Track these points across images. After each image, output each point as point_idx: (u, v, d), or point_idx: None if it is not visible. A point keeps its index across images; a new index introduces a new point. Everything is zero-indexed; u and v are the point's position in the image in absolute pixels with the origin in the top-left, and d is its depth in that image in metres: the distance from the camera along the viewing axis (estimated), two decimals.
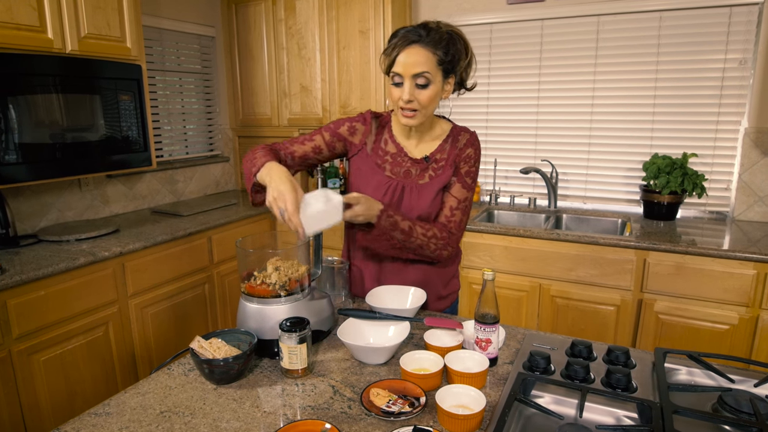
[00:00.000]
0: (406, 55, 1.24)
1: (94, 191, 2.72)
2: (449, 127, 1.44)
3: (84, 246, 2.19)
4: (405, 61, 1.24)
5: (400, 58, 1.25)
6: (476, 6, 2.98)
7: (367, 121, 1.43)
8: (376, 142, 1.43)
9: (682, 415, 0.90)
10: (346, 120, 1.44)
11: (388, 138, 1.43)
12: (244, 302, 1.20)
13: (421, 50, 1.24)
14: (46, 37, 2.08)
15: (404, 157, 1.41)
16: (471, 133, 1.43)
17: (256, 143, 3.61)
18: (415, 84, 1.26)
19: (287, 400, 1.02)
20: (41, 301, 1.91)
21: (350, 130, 1.43)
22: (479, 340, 1.11)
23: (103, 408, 0.99)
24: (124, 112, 2.43)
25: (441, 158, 1.41)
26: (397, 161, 1.41)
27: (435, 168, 1.40)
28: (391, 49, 1.27)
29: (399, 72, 1.26)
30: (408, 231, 1.32)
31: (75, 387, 2.06)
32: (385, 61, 1.30)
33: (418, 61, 1.23)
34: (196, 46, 3.37)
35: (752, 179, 2.55)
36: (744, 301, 2.10)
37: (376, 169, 1.41)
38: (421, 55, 1.24)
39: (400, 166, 1.41)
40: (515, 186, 3.14)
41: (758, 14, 2.43)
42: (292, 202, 1.11)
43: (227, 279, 2.82)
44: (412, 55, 1.24)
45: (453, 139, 1.42)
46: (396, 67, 1.26)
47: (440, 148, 1.41)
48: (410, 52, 1.24)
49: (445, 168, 1.40)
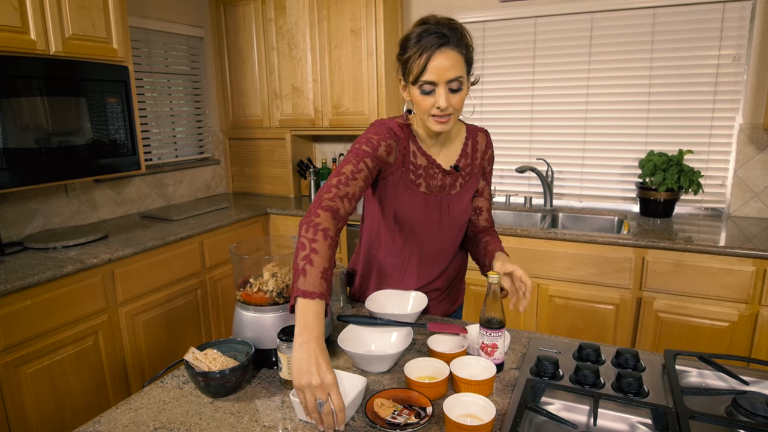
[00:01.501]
0: (438, 60, 1.12)
1: (81, 196, 2.65)
2: (464, 128, 1.38)
3: (71, 253, 2.12)
4: (439, 67, 1.12)
5: (432, 64, 1.12)
6: (469, 4, 2.96)
7: (400, 137, 1.27)
8: (405, 156, 1.29)
9: (698, 421, 0.87)
10: (378, 138, 1.24)
11: (416, 150, 1.30)
12: (240, 310, 1.16)
13: (452, 53, 1.13)
14: (29, 38, 2.02)
15: (435, 168, 1.31)
16: (486, 133, 1.42)
17: (248, 145, 3.55)
18: (449, 89, 1.15)
19: (287, 413, 0.97)
20: (27, 311, 1.84)
21: (387, 150, 1.25)
22: (485, 345, 1.07)
23: (93, 425, 0.94)
24: (111, 114, 2.37)
25: (466, 164, 1.36)
26: (429, 174, 1.31)
27: (463, 175, 1.36)
28: (417, 55, 1.13)
29: (433, 80, 1.13)
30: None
31: (64, 399, 2.00)
32: (411, 68, 1.15)
33: (453, 65, 1.13)
34: (185, 47, 3.31)
35: (747, 175, 2.54)
36: (743, 298, 2.09)
37: (411, 186, 1.30)
38: (452, 58, 1.13)
39: (433, 179, 1.32)
40: (511, 185, 3.12)
41: (751, 10, 2.42)
42: (338, 395, 0.87)
43: (220, 284, 2.76)
44: (445, 60, 1.12)
45: (473, 141, 1.38)
46: (428, 74, 1.13)
47: (464, 153, 1.36)
48: (441, 57, 1.12)
49: (473, 174, 1.38)
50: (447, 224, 1.36)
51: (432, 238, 1.36)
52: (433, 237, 1.36)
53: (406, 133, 1.29)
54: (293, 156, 3.42)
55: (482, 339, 1.08)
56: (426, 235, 1.35)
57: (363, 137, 1.25)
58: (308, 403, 0.87)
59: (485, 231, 1.42)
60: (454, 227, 1.37)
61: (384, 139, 1.25)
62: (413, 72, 1.15)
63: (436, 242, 1.37)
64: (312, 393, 0.86)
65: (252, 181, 3.63)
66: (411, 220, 1.33)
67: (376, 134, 1.25)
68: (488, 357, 1.07)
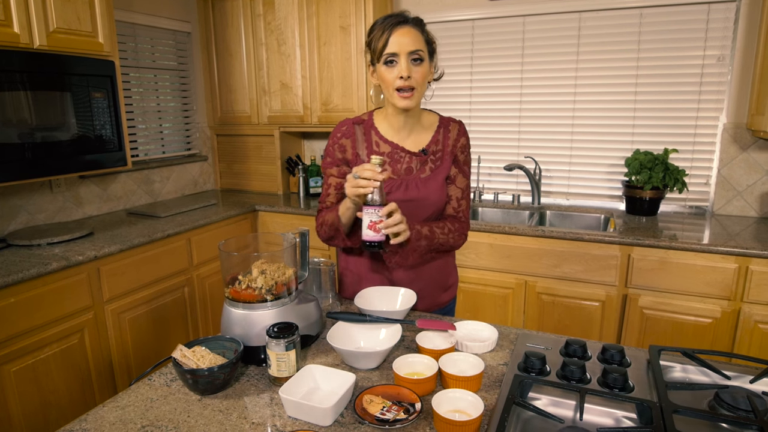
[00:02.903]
0: (399, 34, 1.26)
1: (66, 193, 2.62)
2: (437, 118, 1.45)
3: (56, 250, 2.09)
4: (400, 40, 1.26)
5: (393, 39, 1.26)
6: (459, 2, 2.96)
7: (349, 131, 1.41)
8: (368, 148, 1.40)
9: (682, 415, 0.89)
10: (332, 143, 1.42)
11: (379, 139, 1.41)
12: (228, 308, 1.15)
13: (411, 29, 1.27)
14: (12, 31, 1.98)
15: (401, 152, 1.40)
16: (459, 123, 1.46)
17: (236, 141, 3.53)
18: (411, 60, 1.27)
19: (276, 410, 0.97)
20: (11, 309, 1.81)
21: (341, 149, 1.42)
22: (373, 223, 1.19)
23: (80, 424, 0.94)
24: (96, 110, 2.34)
25: (437, 150, 1.42)
26: (394, 158, 1.40)
27: (433, 160, 1.41)
28: (380, 34, 1.27)
29: (395, 51, 1.26)
30: (430, 235, 1.35)
31: (49, 398, 1.97)
32: (376, 46, 1.29)
33: (412, 39, 1.26)
34: (172, 42, 3.27)
35: (731, 174, 2.58)
36: (726, 295, 2.12)
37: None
38: (412, 33, 1.27)
39: (399, 163, 1.40)
40: (499, 183, 3.14)
41: (735, 11, 2.46)
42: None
43: (208, 281, 2.74)
44: (405, 35, 1.26)
45: (444, 130, 1.43)
46: (390, 47, 1.26)
47: (434, 140, 1.42)
48: (402, 31, 1.26)
49: (443, 159, 1.42)
50: (416, 205, 1.38)
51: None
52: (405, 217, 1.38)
53: (365, 126, 1.42)
54: (282, 153, 3.40)
55: (370, 218, 1.19)
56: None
57: (325, 148, 1.46)
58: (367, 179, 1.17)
59: (448, 219, 1.44)
60: (425, 208, 1.40)
61: (336, 141, 1.42)
62: (378, 49, 1.28)
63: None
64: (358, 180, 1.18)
65: (240, 178, 3.60)
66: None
67: (330, 141, 1.43)
68: (377, 233, 1.19)
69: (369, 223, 1.20)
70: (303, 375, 1.02)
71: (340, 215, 1.32)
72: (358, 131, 1.41)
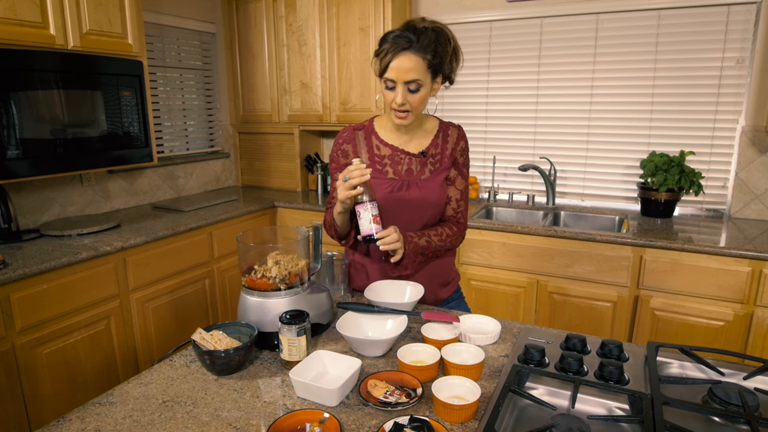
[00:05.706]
0: (398, 62, 1.28)
1: (95, 186, 2.74)
2: (437, 123, 1.51)
3: (86, 241, 2.21)
4: (398, 68, 1.28)
5: (392, 65, 1.29)
6: (476, 3, 3.00)
7: (350, 137, 1.49)
8: (369, 151, 1.48)
9: (671, 406, 0.92)
10: (335, 149, 1.52)
11: (379, 143, 1.48)
12: (244, 295, 1.23)
13: (412, 56, 1.28)
14: (48, 33, 2.10)
15: (401, 153, 1.47)
16: (459, 127, 1.52)
17: (257, 139, 3.63)
18: (407, 89, 1.31)
19: (287, 391, 1.04)
20: (44, 295, 1.93)
21: (344, 154, 1.50)
22: (374, 216, 1.27)
23: (107, 398, 1.02)
24: (125, 107, 2.45)
25: (436, 152, 1.48)
26: (395, 160, 1.46)
27: (433, 162, 1.47)
28: (383, 54, 1.30)
29: (392, 78, 1.30)
30: (427, 246, 1.42)
31: (77, 379, 2.08)
32: (376, 65, 1.34)
33: (410, 68, 1.28)
34: (197, 43, 3.38)
35: (749, 177, 2.56)
36: (739, 298, 2.12)
37: (378, 175, 1.46)
38: (412, 61, 1.28)
39: (400, 164, 1.46)
40: (514, 183, 3.16)
41: (756, 13, 2.44)
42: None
43: (227, 274, 2.84)
44: (404, 62, 1.28)
45: (443, 134, 1.49)
46: (389, 73, 1.30)
47: (434, 143, 1.48)
48: (402, 59, 1.28)
49: (443, 161, 1.48)
50: (417, 205, 1.45)
51: (404, 217, 1.45)
52: (406, 216, 1.45)
53: (366, 132, 1.49)
54: (301, 151, 3.48)
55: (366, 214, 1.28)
56: (397, 215, 1.44)
57: (330, 154, 1.54)
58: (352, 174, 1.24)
59: (447, 220, 1.51)
60: (425, 208, 1.46)
61: (338, 147, 1.51)
62: (379, 68, 1.33)
63: (407, 221, 1.45)
64: (346, 174, 1.25)
65: (260, 175, 3.70)
66: (381, 201, 1.42)
67: (334, 147, 1.53)
68: (378, 225, 1.28)
69: (370, 217, 1.28)
70: (312, 359, 1.08)
71: (335, 219, 1.41)
72: (359, 136, 1.49)
